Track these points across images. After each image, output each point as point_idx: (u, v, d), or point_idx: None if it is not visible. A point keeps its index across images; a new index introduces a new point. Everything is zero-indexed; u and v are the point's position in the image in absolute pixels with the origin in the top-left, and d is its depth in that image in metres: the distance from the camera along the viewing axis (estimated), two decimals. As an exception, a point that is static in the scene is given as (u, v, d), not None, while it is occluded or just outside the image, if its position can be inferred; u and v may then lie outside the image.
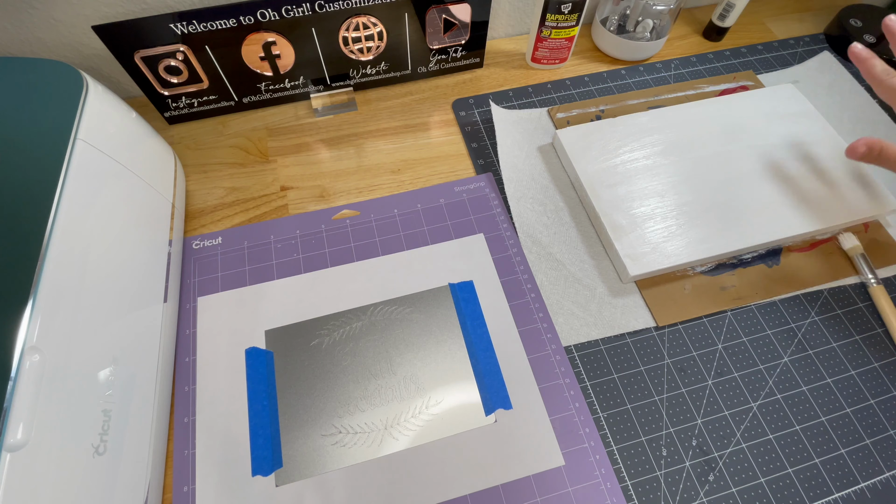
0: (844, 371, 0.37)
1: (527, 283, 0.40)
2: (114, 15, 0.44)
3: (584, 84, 0.52)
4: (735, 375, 0.36)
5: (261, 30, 0.42)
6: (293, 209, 0.44)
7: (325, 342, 0.37)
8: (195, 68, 0.44)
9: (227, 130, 0.49)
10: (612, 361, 0.37)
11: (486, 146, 0.48)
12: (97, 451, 0.26)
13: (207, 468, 0.32)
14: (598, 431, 0.34)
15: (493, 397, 0.35)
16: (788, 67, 0.54)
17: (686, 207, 0.41)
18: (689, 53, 0.55)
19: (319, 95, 0.50)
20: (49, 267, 0.25)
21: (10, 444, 0.21)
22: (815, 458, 0.34)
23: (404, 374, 0.36)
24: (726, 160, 0.44)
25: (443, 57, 0.51)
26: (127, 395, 0.29)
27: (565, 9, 0.47)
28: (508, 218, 0.43)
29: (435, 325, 0.38)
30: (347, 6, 0.43)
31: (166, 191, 0.38)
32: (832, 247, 0.42)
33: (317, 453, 0.33)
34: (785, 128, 0.46)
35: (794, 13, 0.60)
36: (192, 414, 0.34)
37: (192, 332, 0.37)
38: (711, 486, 0.32)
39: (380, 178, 0.46)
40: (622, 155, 0.44)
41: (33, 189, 0.26)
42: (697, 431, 0.34)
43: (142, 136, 0.37)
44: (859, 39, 0.53)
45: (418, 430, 0.34)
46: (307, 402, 0.34)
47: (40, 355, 0.23)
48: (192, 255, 0.40)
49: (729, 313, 0.39)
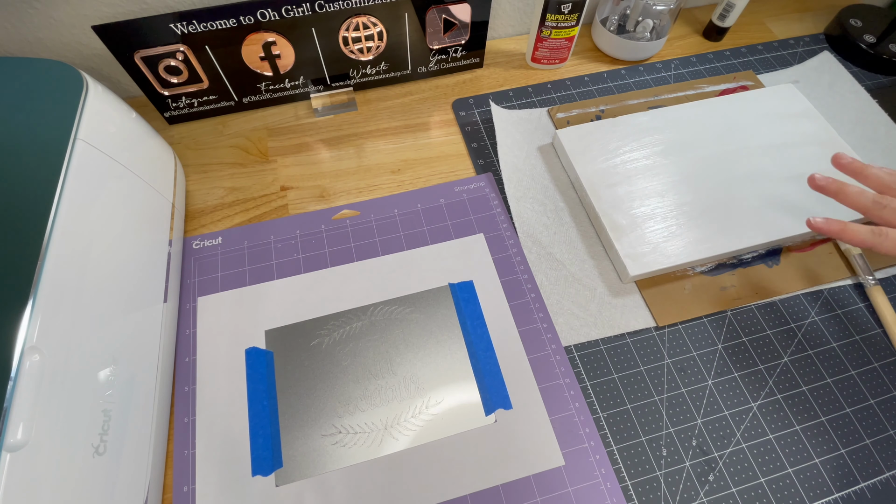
0: (844, 371, 0.37)
1: (527, 283, 0.40)
2: (114, 15, 0.44)
3: (584, 84, 0.52)
4: (735, 375, 0.36)
5: (261, 30, 0.42)
6: (293, 209, 0.44)
7: (325, 342, 0.37)
8: (195, 68, 0.44)
9: (227, 130, 0.49)
10: (612, 361, 0.37)
11: (486, 146, 0.48)
12: (97, 451, 0.26)
13: (207, 468, 0.32)
14: (598, 431, 0.34)
15: (493, 397, 0.35)
16: (788, 67, 0.54)
17: (686, 207, 0.41)
18: (689, 53, 0.55)
19: (319, 95, 0.50)
20: (49, 267, 0.25)
21: (10, 444, 0.21)
22: (815, 458, 0.34)
23: (404, 374, 0.36)
24: (726, 160, 0.44)
25: (443, 57, 0.51)
26: (127, 395, 0.29)
27: (565, 9, 0.47)
28: (508, 218, 0.43)
29: (435, 325, 0.38)
30: (347, 6, 0.43)
31: (166, 191, 0.38)
32: (832, 247, 0.42)
33: (317, 453, 0.33)
34: (785, 128, 0.46)
35: (794, 13, 0.60)
36: (192, 414, 0.34)
37: (192, 332, 0.37)
38: (711, 486, 0.32)
39: (380, 178, 0.46)
40: (622, 155, 0.44)
41: (33, 189, 0.26)
42: (697, 431, 0.34)
43: (142, 136, 0.37)
44: (859, 39, 0.53)
45: (418, 430, 0.34)
46: (307, 402, 0.34)
47: (40, 355, 0.23)
48: (192, 255, 0.40)
49: (729, 313, 0.39)
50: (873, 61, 0.53)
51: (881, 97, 0.51)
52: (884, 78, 0.53)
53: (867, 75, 0.54)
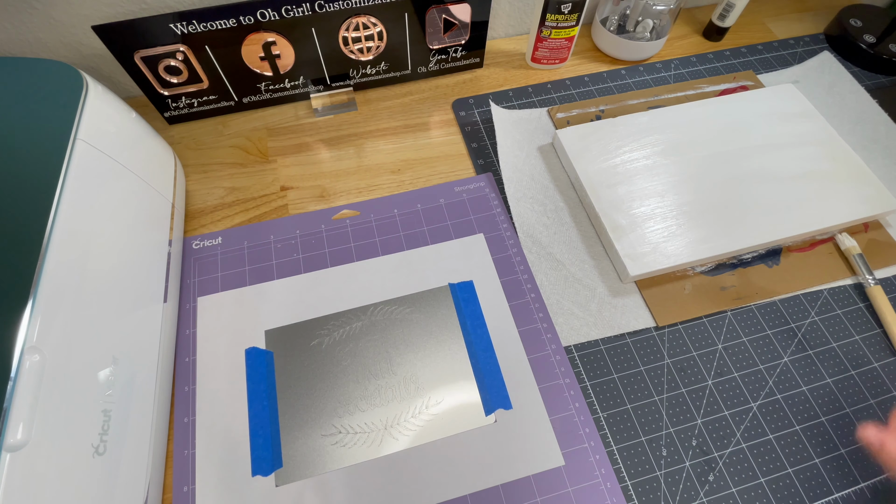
0: (844, 371, 0.37)
1: (527, 283, 0.40)
2: (114, 15, 0.44)
3: (584, 84, 0.52)
4: (735, 375, 0.36)
5: (261, 30, 0.42)
6: (293, 209, 0.44)
7: (325, 342, 0.37)
8: (195, 68, 0.44)
9: (227, 130, 0.49)
10: (612, 361, 0.37)
11: (486, 146, 0.48)
12: (97, 451, 0.26)
13: (207, 468, 0.32)
14: (598, 431, 0.34)
15: (493, 397, 0.35)
16: (788, 67, 0.54)
17: (686, 207, 0.41)
18: (689, 53, 0.55)
19: (319, 95, 0.50)
20: (49, 267, 0.25)
21: (10, 444, 0.21)
22: (815, 458, 0.34)
23: (404, 374, 0.36)
24: (726, 160, 0.44)
25: (443, 57, 0.51)
26: (127, 395, 0.29)
27: (565, 9, 0.47)
28: (508, 218, 0.43)
29: (435, 325, 0.38)
30: (347, 6, 0.43)
31: (166, 191, 0.38)
32: (832, 247, 0.42)
33: (317, 453, 0.33)
34: (785, 128, 0.46)
35: (794, 13, 0.60)
36: (192, 414, 0.34)
37: (192, 332, 0.37)
38: (711, 486, 0.32)
39: (380, 178, 0.46)
40: (622, 155, 0.44)
41: (33, 189, 0.26)
42: (697, 431, 0.34)
43: (142, 136, 0.37)
44: (859, 39, 0.53)
45: (418, 430, 0.34)
46: (307, 402, 0.34)
47: (40, 355, 0.23)
48: (192, 255, 0.40)
49: (729, 313, 0.39)
50: (873, 61, 0.53)
51: (881, 97, 0.51)
52: (884, 78, 0.53)
53: (867, 75, 0.54)
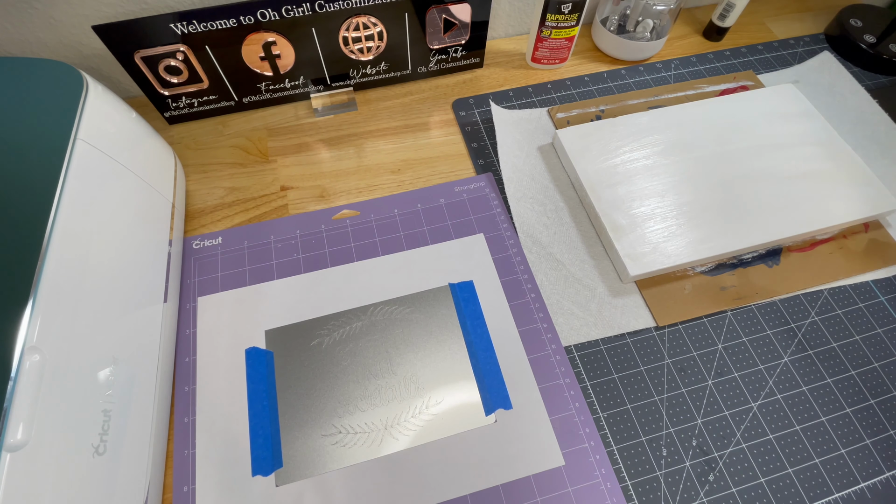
0: (844, 371, 0.37)
1: (527, 283, 0.40)
2: (114, 15, 0.44)
3: (584, 84, 0.52)
4: (735, 375, 0.36)
5: (261, 30, 0.42)
6: (293, 209, 0.44)
7: (325, 342, 0.37)
8: (195, 68, 0.44)
9: (227, 130, 0.49)
10: (612, 361, 0.37)
11: (486, 146, 0.48)
12: (97, 451, 0.26)
13: (207, 468, 0.32)
14: (598, 431, 0.34)
15: (493, 397, 0.35)
16: (788, 67, 0.54)
17: (686, 207, 0.41)
18: (689, 53, 0.55)
19: (319, 95, 0.50)
20: (49, 267, 0.25)
21: (10, 444, 0.21)
22: (815, 458, 0.34)
23: (404, 374, 0.36)
24: (726, 160, 0.44)
25: (443, 57, 0.51)
26: (127, 395, 0.29)
27: (565, 9, 0.47)
28: (508, 218, 0.43)
29: (435, 325, 0.38)
30: (347, 6, 0.43)
31: (166, 191, 0.38)
32: (832, 247, 0.42)
33: (317, 453, 0.33)
34: (785, 128, 0.46)
35: (794, 13, 0.60)
36: (192, 414, 0.34)
37: (192, 332, 0.37)
38: (711, 486, 0.32)
39: (380, 178, 0.46)
40: (622, 155, 0.44)
41: (33, 189, 0.26)
42: (697, 431, 0.34)
43: (142, 136, 0.37)
44: (859, 39, 0.53)
45: (418, 430, 0.34)
46: (307, 402, 0.34)
47: (40, 355, 0.23)
48: (192, 255, 0.40)
49: (729, 313, 0.39)
50: (873, 61, 0.53)
51: (881, 97, 0.51)
52: (884, 78, 0.53)
53: (867, 75, 0.54)
